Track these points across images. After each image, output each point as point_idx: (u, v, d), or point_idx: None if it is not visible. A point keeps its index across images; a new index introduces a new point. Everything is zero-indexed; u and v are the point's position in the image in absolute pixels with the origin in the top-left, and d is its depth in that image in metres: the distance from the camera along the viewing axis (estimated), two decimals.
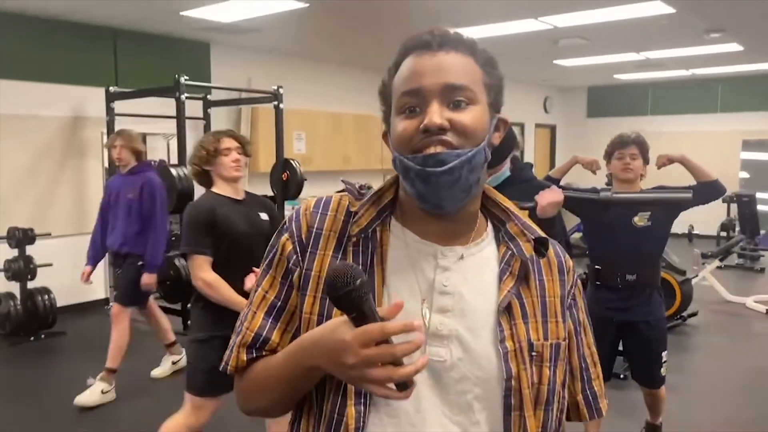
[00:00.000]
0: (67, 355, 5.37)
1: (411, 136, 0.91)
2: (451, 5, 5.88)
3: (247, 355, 0.98)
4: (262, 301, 0.99)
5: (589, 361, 1.08)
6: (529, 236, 1.00)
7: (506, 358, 0.93)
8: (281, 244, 1.00)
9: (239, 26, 6.53)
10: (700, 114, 11.74)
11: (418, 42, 0.95)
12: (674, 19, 6.40)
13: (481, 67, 0.96)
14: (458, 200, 0.93)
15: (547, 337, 0.98)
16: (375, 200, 0.99)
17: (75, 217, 6.55)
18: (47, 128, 6.29)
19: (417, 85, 0.91)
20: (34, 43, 6.17)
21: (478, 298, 0.96)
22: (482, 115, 0.93)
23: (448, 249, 0.97)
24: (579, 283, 1.09)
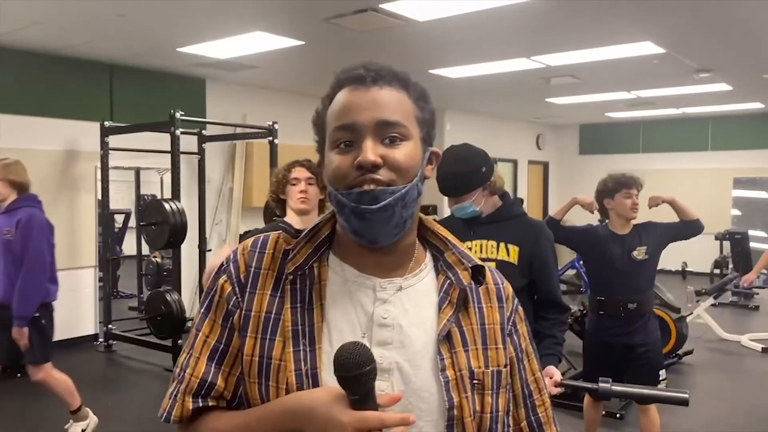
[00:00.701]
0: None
1: (346, 172, 0.91)
2: (444, 44, 5.97)
3: (193, 404, 0.95)
4: (203, 345, 0.97)
5: (533, 388, 1.08)
6: (466, 264, 1.00)
7: (447, 388, 0.93)
8: (220, 285, 0.98)
9: (235, 63, 6.59)
10: (691, 152, 11.86)
11: (352, 76, 0.96)
12: (664, 59, 6.51)
13: (414, 102, 0.97)
14: (393, 235, 0.94)
15: (488, 365, 0.98)
16: (311, 237, 0.99)
17: (67, 252, 6.49)
18: (41, 162, 6.27)
19: (351, 120, 0.92)
20: (31, 77, 6.20)
21: (418, 329, 0.96)
22: (415, 151, 0.94)
23: (387, 281, 0.97)
24: (520, 310, 1.08)
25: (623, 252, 3.39)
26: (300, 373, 0.91)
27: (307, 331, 0.93)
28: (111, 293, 6.94)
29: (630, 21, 5.23)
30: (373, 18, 4.99)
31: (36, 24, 5.23)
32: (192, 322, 1.04)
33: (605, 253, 3.40)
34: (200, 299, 5.26)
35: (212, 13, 4.95)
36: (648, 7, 4.85)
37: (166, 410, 0.96)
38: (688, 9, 4.92)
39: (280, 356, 0.92)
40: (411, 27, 5.23)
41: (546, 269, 2.44)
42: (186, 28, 5.42)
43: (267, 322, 0.95)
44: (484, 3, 4.65)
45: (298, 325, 0.94)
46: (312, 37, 5.68)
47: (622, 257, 3.38)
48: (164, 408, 0.97)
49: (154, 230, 5.63)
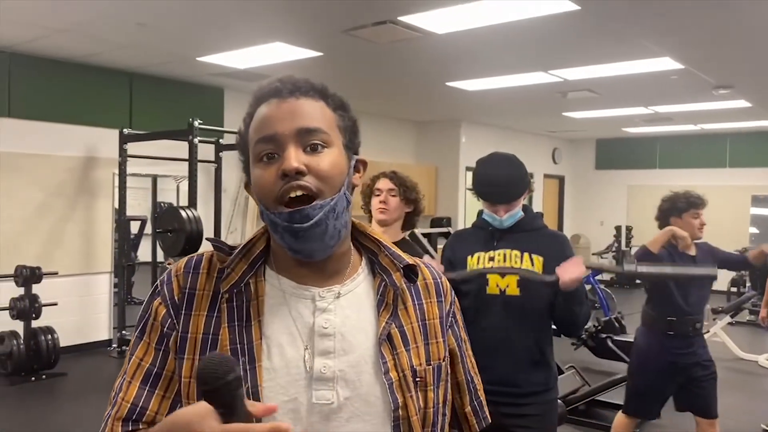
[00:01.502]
0: (66, 397, 5.29)
1: (272, 184, 0.91)
2: (462, 56, 5.98)
3: (122, 428, 0.93)
4: (137, 369, 0.95)
5: (472, 374, 1.12)
6: (398, 265, 1.00)
7: (392, 389, 0.94)
8: (154, 308, 0.97)
9: (253, 73, 6.64)
10: (709, 168, 11.76)
11: (269, 90, 0.96)
12: (683, 75, 6.47)
13: (334, 110, 0.98)
14: (329, 247, 0.94)
15: (429, 361, 1.00)
16: (245, 253, 0.97)
17: (83, 257, 6.56)
18: (60, 168, 6.36)
19: (271, 131, 0.92)
20: (52, 85, 6.29)
21: (359, 335, 0.96)
22: (339, 158, 0.95)
23: (326, 290, 0.97)
24: (457, 302, 1.11)
25: None
26: None
27: (246, 348, 0.92)
28: (125, 299, 6.98)
29: (649, 36, 5.21)
30: (392, 30, 5.01)
31: (59, 32, 5.31)
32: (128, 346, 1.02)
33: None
34: None
35: (233, 23, 5.00)
36: (667, 23, 4.83)
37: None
38: (708, 25, 4.90)
39: None
40: (429, 39, 5.25)
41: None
42: (206, 38, 5.48)
43: (205, 343, 0.93)
44: (502, 17, 4.66)
45: (236, 343, 0.92)
46: (330, 49, 5.71)
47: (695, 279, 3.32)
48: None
49: (171, 237, 5.67)
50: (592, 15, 4.63)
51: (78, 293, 6.54)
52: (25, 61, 6.06)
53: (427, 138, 10.81)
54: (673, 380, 3.41)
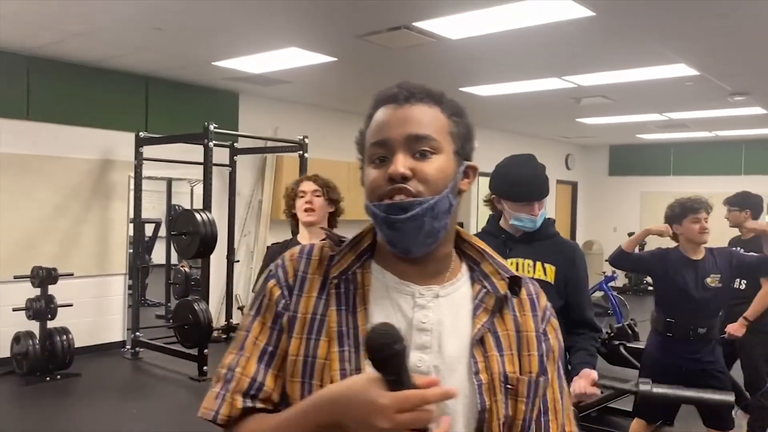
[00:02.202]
0: (80, 397, 5.34)
1: (378, 185, 0.97)
2: (476, 62, 5.99)
3: (243, 403, 0.96)
4: (253, 346, 1.00)
5: (549, 406, 1.06)
6: (503, 275, 1.04)
7: (480, 390, 0.96)
8: (269, 289, 1.03)
9: (268, 77, 6.69)
10: (724, 176, 11.66)
11: (387, 95, 1.02)
12: (698, 81, 6.44)
13: (448, 117, 1.01)
14: (425, 245, 0.98)
15: (522, 371, 1.00)
16: (353, 245, 1.04)
17: (98, 259, 6.63)
18: (76, 170, 6.43)
19: (384, 136, 0.98)
20: (69, 88, 6.36)
21: (454, 335, 0.99)
22: (446, 164, 0.98)
23: (425, 288, 1.01)
24: (553, 322, 1.09)
25: (696, 278, 3.33)
26: (345, 372, 0.94)
27: (352, 332, 0.97)
28: (139, 301, 7.04)
29: (664, 43, 5.20)
30: (406, 36, 5.04)
31: (77, 36, 5.38)
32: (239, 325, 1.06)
33: (677, 277, 3.36)
34: (226, 309, 5.32)
35: (249, 28, 5.04)
36: (683, 29, 4.82)
37: (214, 410, 0.97)
38: (724, 32, 4.88)
39: (325, 355, 0.96)
40: (443, 45, 5.26)
41: (580, 291, 2.44)
42: (222, 43, 5.52)
43: (313, 323, 0.98)
44: (516, 22, 4.66)
45: (342, 326, 0.97)
46: (345, 54, 5.74)
47: (696, 283, 3.33)
48: (210, 408, 0.97)
49: (185, 240, 5.72)
50: (607, 21, 4.62)
51: (93, 294, 6.60)
52: (43, 65, 6.14)
53: None
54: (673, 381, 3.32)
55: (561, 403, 1.08)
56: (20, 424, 4.70)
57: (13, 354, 5.61)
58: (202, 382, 5.68)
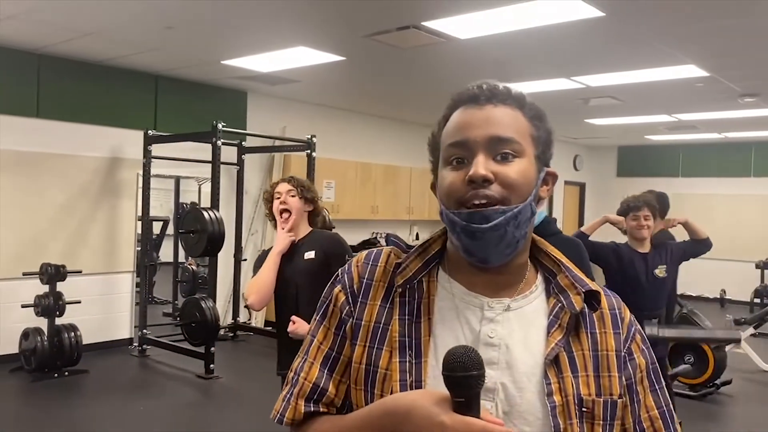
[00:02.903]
0: (88, 394, 5.37)
1: (457, 187, 0.92)
2: (485, 62, 5.98)
3: (305, 408, 0.98)
4: (317, 351, 1.00)
5: (646, 425, 0.99)
6: (579, 289, 0.97)
7: (554, 413, 0.91)
8: (335, 295, 1.02)
9: (277, 76, 6.70)
10: (733, 177, 11.62)
11: (467, 96, 0.97)
12: (708, 82, 6.41)
13: (529, 120, 0.97)
14: (504, 255, 0.93)
15: (600, 393, 0.94)
16: (421, 252, 1.00)
17: (106, 256, 6.66)
18: (85, 168, 6.46)
19: (464, 137, 0.93)
20: (79, 86, 6.39)
21: (525, 351, 0.94)
22: (529, 169, 0.94)
23: (495, 301, 0.96)
24: (638, 338, 1.02)
25: (647, 269, 3.64)
26: (405, 383, 0.92)
27: (414, 343, 0.94)
28: (147, 299, 7.06)
29: (674, 44, 5.17)
30: (415, 35, 5.03)
31: (87, 35, 5.40)
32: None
33: (630, 270, 3.65)
34: (233, 308, 5.34)
35: (258, 27, 5.05)
36: (693, 30, 4.79)
37: (279, 412, 1.00)
38: (734, 33, 4.85)
39: (386, 365, 0.94)
40: (452, 44, 5.26)
41: None
42: (231, 42, 5.54)
43: (376, 332, 0.96)
44: (526, 22, 4.65)
45: (405, 336, 0.95)
46: (353, 53, 5.74)
47: (647, 274, 3.63)
48: (277, 410, 1.00)
49: (193, 238, 5.73)
50: (616, 22, 4.61)
51: (101, 292, 6.63)
52: (53, 63, 6.17)
53: None
54: None
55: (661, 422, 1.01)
56: (28, 420, 4.72)
57: (22, 350, 5.64)
58: (209, 380, 5.70)
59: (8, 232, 5.91)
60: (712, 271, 11.14)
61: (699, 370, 5.55)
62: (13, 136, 5.93)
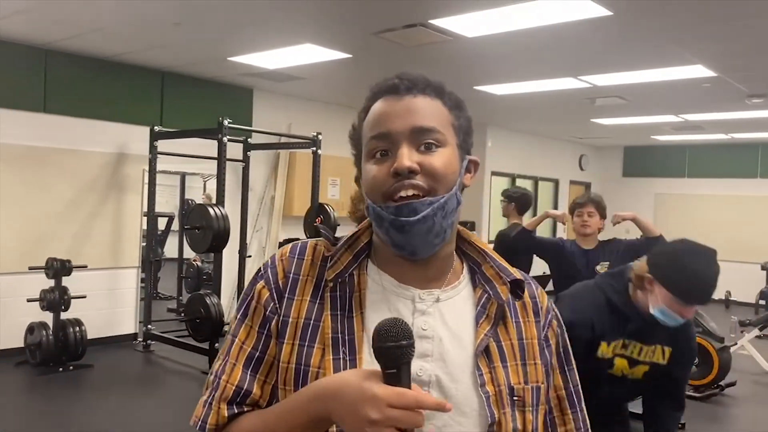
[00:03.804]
0: (93, 388, 5.38)
1: (382, 181, 0.91)
2: (491, 60, 5.97)
3: (228, 411, 0.93)
4: (239, 352, 0.96)
5: (553, 404, 1.04)
6: (504, 278, 0.98)
7: (488, 403, 0.92)
8: (257, 291, 0.97)
9: (283, 73, 6.70)
10: (740, 178, 11.57)
11: (385, 87, 0.96)
12: (715, 83, 6.39)
13: (450, 109, 0.96)
14: (433, 246, 0.93)
15: (528, 381, 0.96)
16: (350, 244, 0.98)
17: (111, 251, 6.68)
18: (92, 163, 6.48)
19: (385, 128, 0.92)
20: (86, 82, 6.41)
21: (456, 343, 0.94)
22: (452, 158, 0.93)
23: (426, 292, 0.96)
24: (554, 322, 1.05)
25: (588, 266, 3.66)
26: None
27: (347, 339, 0.92)
28: (151, 294, 7.08)
29: (682, 44, 5.16)
30: (422, 33, 5.03)
31: (95, 31, 5.41)
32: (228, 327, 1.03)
33: (571, 266, 3.71)
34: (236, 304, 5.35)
35: (265, 25, 5.05)
36: (701, 30, 4.78)
37: (200, 418, 0.95)
38: (742, 33, 4.83)
39: (318, 364, 0.91)
40: (459, 43, 5.25)
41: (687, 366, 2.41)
42: (238, 39, 5.54)
43: (306, 329, 0.94)
44: (533, 21, 4.64)
45: (338, 332, 0.92)
46: (360, 51, 5.74)
47: (587, 271, 3.60)
48: (198, 416, 0.96)
49: (198, 234, 5.74)
50: (624, 21, 4.59)
51: (106, 287, 6.65)
52: (60, 59, 6.19)
53: None
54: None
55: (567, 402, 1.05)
56: (33, 414, 4.75)
57: (27, 344, 5.67)
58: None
59: (14, 226, 5.93)
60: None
61: (703, 372, 5.54)
62: (20, 130, 5.95)
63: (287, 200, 8.04)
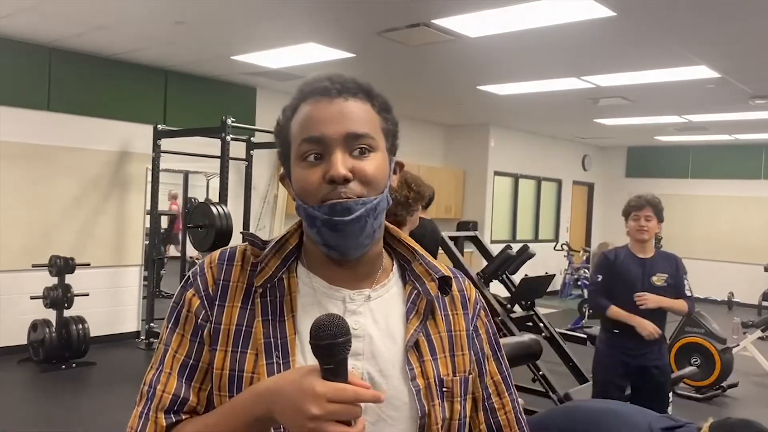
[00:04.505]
0: (96, 385, 5.40)
1: (317, 186, 0.91)
2: (494, 60, 5.97)
3: (167, 420, 0.93)
4: (173, 361, 0.95)
5: (491, 390, 1.07)
6: (433, 275, 1.00)
7: (419, 396, 0.94)
8: (187, 299, 0.97)
9: (286, 72, 6.71)
10: (743, 179, 11.54)
11: (316, 88, 0.95)
12: (719, 84, 6.38)
13: (378, 112, 0.97)
14: (363, 246, 0.94)
15: (456, 372, 0.99)
16: (279, 249, 0.98)
17: (114, 249, 6.69)
18: (95, 161, 6.49)
19: (318, 132, 0.92)
20: (90, 80, 6.43)
21: (387, 340, 0.96)
22: (383, 162, 0.95)
23: (356, 292, 0.97)
24: (482, 313, 1.08)
25: (643, 275, 3.48)
26: None
27: (280, 343, 0.93)
28: (154, 292, 7.10)
29: (686, 44, 5.15)
30: (425, 33, 5.03)
31: (99, 29, 5.43)
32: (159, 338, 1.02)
33: (624, 273, 3.51)
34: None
35: (268, 23, 5.06)
36: (705, 31, 4.77)
37: (136, 429, 0.94)
38: (746, 34, 4.82)
39: (252, 369, 0.92)
40: (462, 43, 5.25)
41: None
42: (242, 38, 5.55)
43: (238, 335, 0.94)
44: (536, 21, 4.64)
45: (270, 337, 0.93)
46: (363, 50, 5.75)
47: (642, 280, 3.47)
48: (133, 427, 0.95)
49: (201, 232, 5.75)
50: (628, 21, 4.59)
51: (109, 285, 6.67)
52: (64, 57, 6.20)
53: (455, 141, 10.79)
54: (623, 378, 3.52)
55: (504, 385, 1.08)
56: (35, 411, 4.76)
57: (30, 341, 5.69)
58: None
59: (18, 224, 5.95)
60: (719, 274, 11.09)
61: (705, 373, 5.54)
62: (23, 128, 5.96)
63: (290, 199, 8.04)
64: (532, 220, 11.84)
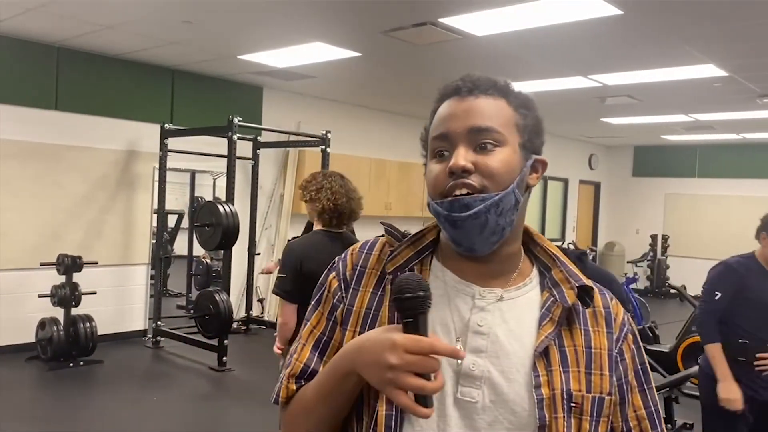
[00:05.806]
0: (103, 384, 5.43)
1: (440, 180, 0.94)
2: (501, 59, 5.96)
3: (296, 384, 1.01)
4: (310, 335, 1.03)
5: (632, 424, 1.00)
6: (573, 283, 0.97)
7: (540, 405, 0.91)
8: (329, 281, 1.05)
9: (293, 72, 6.72)
10: (751, 179, 11.49)
11: (450, 89, 1.00)
12: (727, 82, 6.35)
13: (515, 108, 0.98)
14: (490, 243, 0.94)
15: (590, 390, 0.94)
16: (414, 241, 1.02)
17: (121, 248, 6.72)
18: (102, 160, 6.52)
19: (445, 129, 0.96)
20: (97, 79, 6.45)
21: (515, 342, 0.94)
22: (511, 157, 0.94)
23: (488, 290, 0.97)
24: (629, 337, 1.01)
25: None
26: None
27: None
28: (161, 291, 7.13)
29: (693, 43, 5.13)
30: (432, 32, 5.03)
31: (107, 29, 5.45)
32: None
33: (755, 288, 2.96)
34: (246, 301, 5.44)
35: (275, 23, 5.07)
36: (712, 29, 4.75)
37: (275, 393, 1.04)
38: (753, 32, 4.80)
39: None
40: (468, 41, 5.25)
41: None
42: (248, 37, 5.56)
43: (366, 318, 0.98)
44: (543, 20, 4.63)
45: (394, 322, 0.94)
46: (369, 49, 5.75)
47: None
48: (274, 392, 1.04)
49: (208, 231, 5.77)
50: (634, 20, 4.58)
51: (116, 283, 6.70)
52: (72, 56, 6.23)
53: None
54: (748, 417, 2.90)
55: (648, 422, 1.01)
56: (43, 409, 4.79)
57: (38, 339, 5.72)
58: (222, 372, 5.74)
59: (26, 222, 5.98)
60: None
61: None
62: (31, 127, 6.00)
63: (296, 198, 8.06)
64: (539, 219, 11.83)
